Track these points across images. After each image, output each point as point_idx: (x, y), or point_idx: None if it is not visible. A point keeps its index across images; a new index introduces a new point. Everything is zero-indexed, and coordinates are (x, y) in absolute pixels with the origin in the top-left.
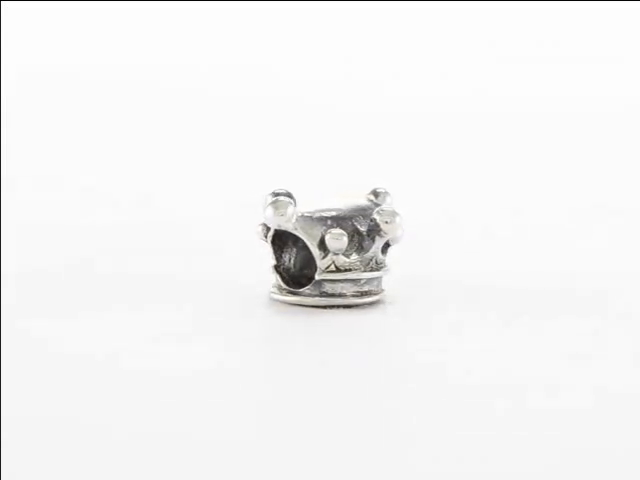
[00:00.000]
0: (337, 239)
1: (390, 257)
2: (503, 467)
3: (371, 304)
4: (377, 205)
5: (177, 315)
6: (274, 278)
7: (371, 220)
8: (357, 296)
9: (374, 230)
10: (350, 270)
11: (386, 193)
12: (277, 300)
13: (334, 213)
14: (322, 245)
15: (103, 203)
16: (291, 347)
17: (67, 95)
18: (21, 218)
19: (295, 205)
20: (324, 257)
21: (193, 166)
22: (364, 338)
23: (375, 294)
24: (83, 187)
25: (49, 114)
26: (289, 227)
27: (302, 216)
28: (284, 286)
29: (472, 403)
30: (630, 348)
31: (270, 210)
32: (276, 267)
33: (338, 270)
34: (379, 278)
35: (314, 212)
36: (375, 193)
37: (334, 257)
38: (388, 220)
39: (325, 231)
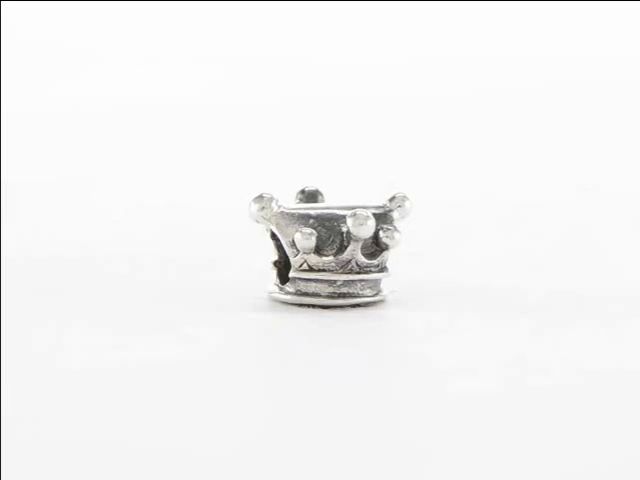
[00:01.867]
0: (305, 238)
1: (391, 260)
2: (503, 470)
3: (355, 306)
4: (389, 210)
5: (176, 315)
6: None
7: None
8: (332, 297)
9: (348, 233)
10: (324, 270)
11: (404, 198)
12: (274, 298)
13: (320, 212)
14: (294, 243)
15: (103, 203)
16: (289, 347)
17: (67, 95)
18: (20, 219)
19: (277, 201)
20: (296, 255)
21: (195, 164)
22: (361, 339)
23: (357, 297)
24: (83, 187)
25: (48, 114)
26: (266, 223)
27: (282, 213)
28: (276, 281)
29: (470, 404)
30: (630, 349)
31: (252, 205)
32: (275, 262)
33: (311, 269)
34: (365, 282)
35: (300, 209)
36: (391, 198)
37: (305, 256)
38: (359, 223)
39: (297, 229)
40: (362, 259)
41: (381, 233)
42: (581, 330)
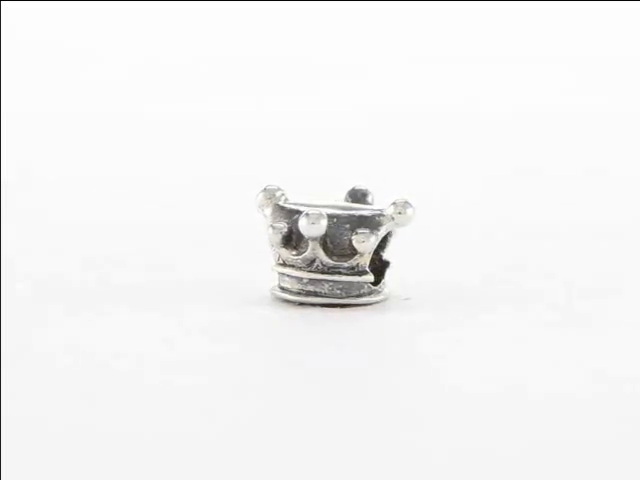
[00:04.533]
0: (275, 233)
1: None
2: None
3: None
4: (380, 215)
5: (179, 314)
6: None
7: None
8: (301, 294)
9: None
10: (293, 267)
11: (406, 204)
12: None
13: (307, 209)
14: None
15: (104, 202)
16: (286, 346)
17: (71, 95)
18: (21, 220)
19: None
20: (274, 249)
21: (199, 161)
22: (354, 339)
23: (325, 297)
24: (82, 186)
25: (48, 115)
26: (263, 214)
27: (276, 205)
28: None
29: (469, 406)
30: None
31: (258, 195)
32: None
33: (284, 264)
34: (335, 282)
35: (293, 204)
36: (392, 203)
37: (279, 250)
38: (310, 223)
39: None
40: (326, 259)
41: (354, 236)
42: (585, 330)
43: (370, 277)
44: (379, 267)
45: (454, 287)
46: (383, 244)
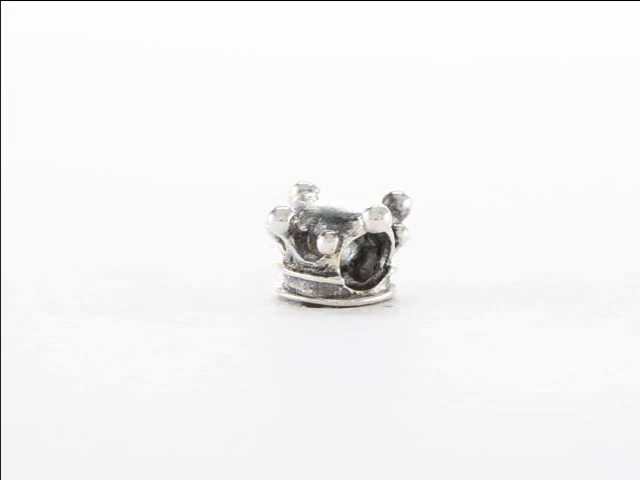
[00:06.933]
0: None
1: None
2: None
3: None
4: (354, 219)
5: (181, 314)
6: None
7: None
8: (286, 290)
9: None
10: (284, 262)
11: (382, 210)
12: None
13: (309, 208)
14: None
15: (104, 201)
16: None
17: (71, 95)
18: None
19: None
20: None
21: (203, 159)
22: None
23: (300, 295)
24: (82, 185)
25: (48, 114)
26: None
27: (295, 201)
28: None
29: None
30: None
31: (292, 189)
32: None
33: (283, 261)
34: (306, 282)
35: (304, 202)
36: (368, 208)
37: (276, 245)
38: (278, 220)
39: None
40: (298, 257)
41: (320, 236)
42: (586, 331)
43: (339, 280)
44: (384, 274)
45: (454, 288)
46: (388, 250)
